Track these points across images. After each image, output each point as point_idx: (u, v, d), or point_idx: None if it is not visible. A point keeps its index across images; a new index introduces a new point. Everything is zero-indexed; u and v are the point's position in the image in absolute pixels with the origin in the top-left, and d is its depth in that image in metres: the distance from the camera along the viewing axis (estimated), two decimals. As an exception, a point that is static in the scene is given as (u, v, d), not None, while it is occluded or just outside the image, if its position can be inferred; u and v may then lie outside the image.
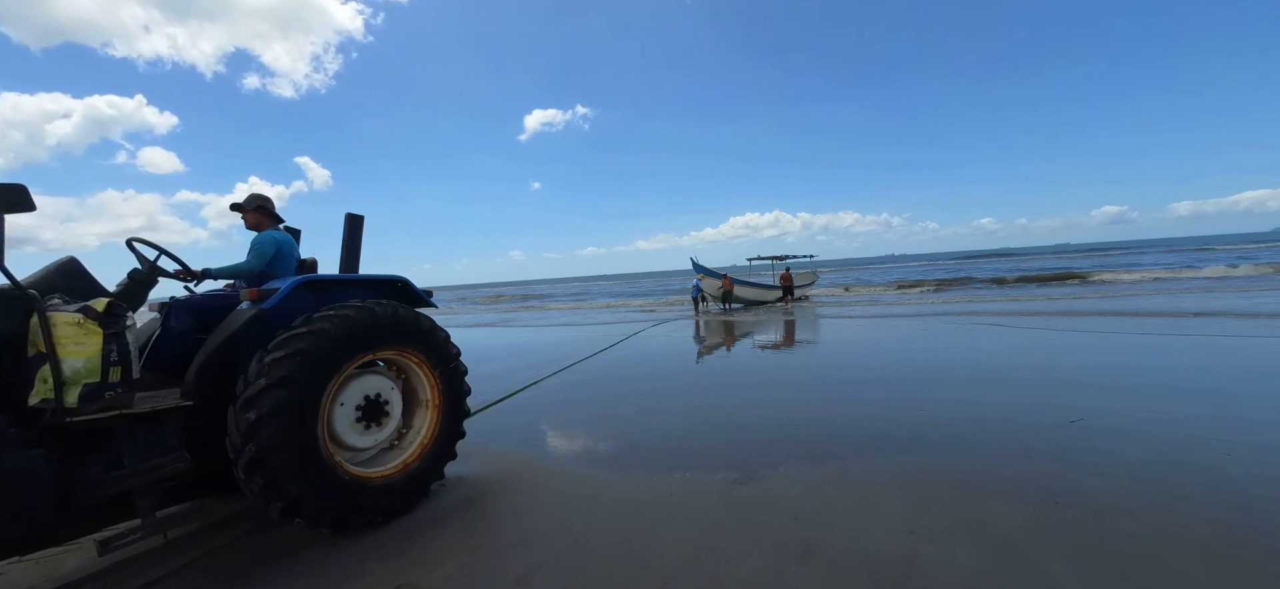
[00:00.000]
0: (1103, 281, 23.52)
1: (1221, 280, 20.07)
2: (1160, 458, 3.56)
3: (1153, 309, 11.91)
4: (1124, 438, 3.97)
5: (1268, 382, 5.30)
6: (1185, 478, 3.23)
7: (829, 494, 3.28)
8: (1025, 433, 4.22)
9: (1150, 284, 20.65)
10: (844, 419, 4.94)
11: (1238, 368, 5.96)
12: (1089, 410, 4.66)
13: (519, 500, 3.48)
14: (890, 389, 5.99)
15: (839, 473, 3.60)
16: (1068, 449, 3.82)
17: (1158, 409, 4.62)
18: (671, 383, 7.22)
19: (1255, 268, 23.14)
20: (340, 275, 3.49)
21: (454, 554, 2.81)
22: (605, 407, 5.98)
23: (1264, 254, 34.81)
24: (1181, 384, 5.43)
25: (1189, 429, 4.06)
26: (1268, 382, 5.30)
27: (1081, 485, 3.19)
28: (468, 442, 3.91)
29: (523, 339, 14.02)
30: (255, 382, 2.65)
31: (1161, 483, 3.18)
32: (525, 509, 3.34)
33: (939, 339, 9.60)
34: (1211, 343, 7.59)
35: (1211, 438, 3.84)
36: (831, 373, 7.27)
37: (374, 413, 3.19)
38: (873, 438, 4.32)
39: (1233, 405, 4.60)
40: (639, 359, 9.32)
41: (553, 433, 5.08)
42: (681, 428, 4.96)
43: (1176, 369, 6.11)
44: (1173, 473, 3.31)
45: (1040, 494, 3.11)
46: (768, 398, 5.95)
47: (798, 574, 2.45)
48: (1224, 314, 10.31)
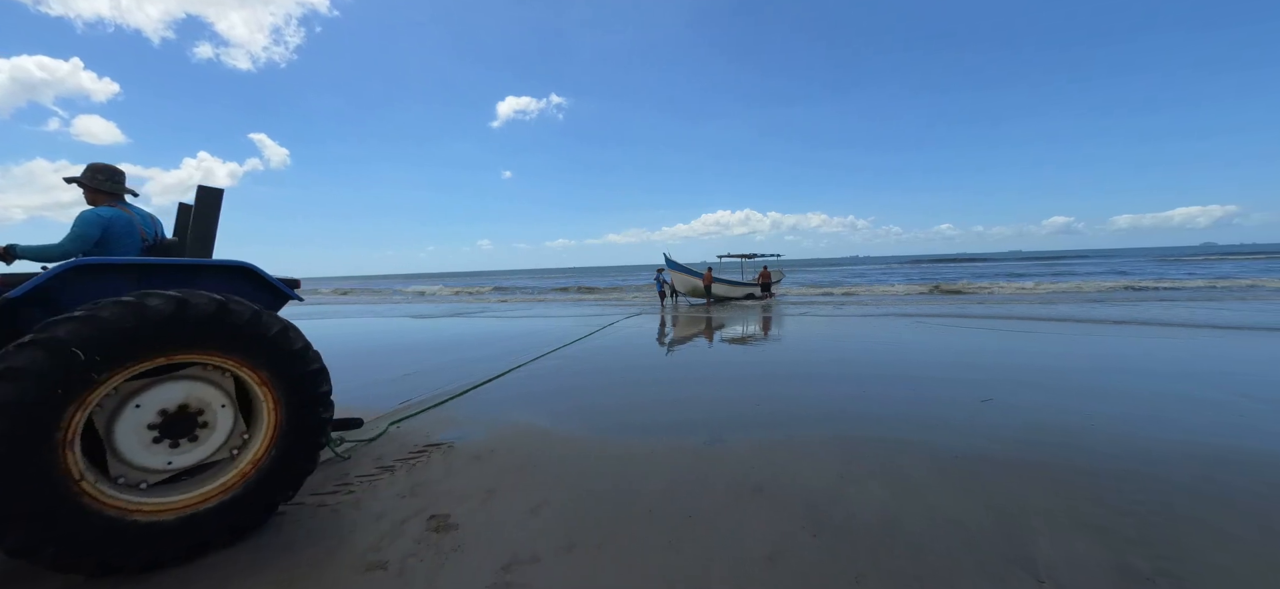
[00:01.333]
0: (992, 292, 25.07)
1: (1115, 292, 22.06)
2: (1041, 422, 4.46)
3: (1066, 316, 13.33)
4: (1021, 412, 4.88)
5: (1125, 376, 6.39)
6: (1049, 440, 4.12)
7: (779, 452, 4.04)
8: (945, 410, 5.10)
9: (1063, 294, 22.55)
10: (796, 399, 5.74)
11: (1113, 365, 7.08)
12: (1000, 393, 5.59)
13: (521, 456, 4.10)
14: (841, 373, 6.85)
15: (787, 438, 4.37)
16: (976, 421, 4.69)
17: (1049, 391, 5.59)
18: (645, 372, 7.91)
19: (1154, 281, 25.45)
20: (140, 259, 2.83)
21: (474, 494, 3.43)
22: (586, 388, 6.63)
23: (1196, 269, 38.00)
24: (1071, 376, 6.47)
25: (1067, 406, 5.01)
26: (1125, 376, 6.39)
27: (977, 448, 4.04)
28: (467, 412, 4.49)
29: (499, 329, 14.46)
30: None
31: (1036, 444, 4.05)
32: (528, 462, 3.97)
33: (890, 334, 10.61)
34: (1100, 342, 8.80)
35: (1074, 411, 4.79)
36: (791, 363, 8.11)
37: (183, 428, 2.62)
38: (819, 413, 5.13)
39: (1103, 393, 5.61)
40: (615, 348, 9.97)
41: (541, 408, 5.68)
42: (656, 407, 5.66)
43: (1070, 364, 7.19)
44: (1050, 431, 4.20)
45: (943, 452, 3.94)
46: (733, 380, 6.72)
47: (751, 503, 3.18)
48: (1124, 322, 11.72)
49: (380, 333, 13.39)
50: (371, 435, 4.59)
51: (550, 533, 2.90)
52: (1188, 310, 13.25)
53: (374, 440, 4.50)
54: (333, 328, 14.87)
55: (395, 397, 6.13)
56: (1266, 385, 5.63)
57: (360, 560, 2.65)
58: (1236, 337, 9.10)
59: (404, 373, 7.67)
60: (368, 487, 3.57)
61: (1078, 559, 2.50)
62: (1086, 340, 9.11)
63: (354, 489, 3.53)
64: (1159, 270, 35.64)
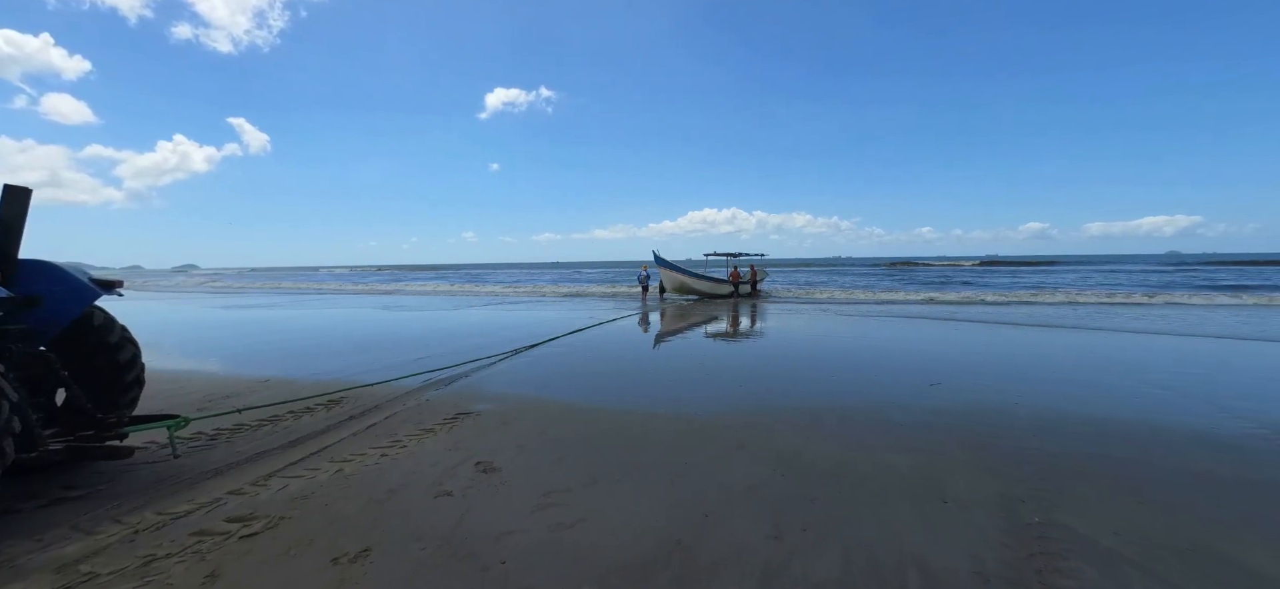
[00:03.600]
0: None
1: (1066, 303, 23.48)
2: (976, 402, 5.35)
3: (1014, 318, 14.46)
4: (962, 393, 5.78)
5: (1056, 368, 7.37)
6: (992, 413, 5.00)
7: (758, 420, 4.85)
8: (897, 390, 5.97)
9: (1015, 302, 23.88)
10: (773, 381, 6.58)
11: (1050, 360, 8.07)
12: (948, 379, 6.49)
13: (542, 421, 4.84)
14: (813, 361, 7.71)
15: (765, 410, 5.19)
16: (923, 400, 5.56)
17: (990, 378, 6.51)
18: (638, 361, 8.69)
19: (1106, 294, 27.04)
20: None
21: (507, 447, 4.16)
22: (589, 371, 7.38)
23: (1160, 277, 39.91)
24: (1011, 367, 7.42)
25: (1002, 390, 5.92)
26: (1056, 368, 7.37)
27: (920, 418, 4.90)
28: (481, 388, 5.18)
29: (499, 318, 15.09)
30: None
31: (966, 415, 4.93)
32: (549, 425, 4.71)
33: (861, 328, 11.53)
34: (1043, 341, 9.82)
35: (1005, 393, 5.70)
36: (770, 353, 8.96)
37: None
38: (792, 393, 5.97)
39: (1034, 381, 6.55)
40: (610, 338, 10.72)
41: (552, 386, 6.41)
42: (654, 386, 6.44)
43: (1012, 358, 8.16)
44: (981, 409, 5.08)
45: (891, 421, 4.80)
46: (720, 366, 7.53)
47: (735, 455, 3.98)
48: (1079, 327, 12.84)
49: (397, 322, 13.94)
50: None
51: (575, 473, 3.67)
52: (1130, 318, 14.47)
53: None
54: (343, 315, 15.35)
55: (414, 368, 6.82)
56: (1176, 378, 6.61)
57: (431, 489, 3.39)
58: (1168, 340, 10.20)
59: (417, 356, 8.33)
60: (417, 443, 4.29)
61: (975, 490, 3.35)
62: (1030, 339, 10.13)
63: (405, 445, 4.24)
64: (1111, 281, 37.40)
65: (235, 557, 2.66)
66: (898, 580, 2.44)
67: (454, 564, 2.59)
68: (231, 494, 3.36)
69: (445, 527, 2.95)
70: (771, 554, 2.66)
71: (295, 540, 2.81)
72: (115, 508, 3.16)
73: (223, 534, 2.88)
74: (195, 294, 29.06)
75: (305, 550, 2.72)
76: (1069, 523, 2.93)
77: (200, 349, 9.77)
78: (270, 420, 4.88)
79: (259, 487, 3.47)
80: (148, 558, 2.65)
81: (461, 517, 3.06)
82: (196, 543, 2.79)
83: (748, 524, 2.96)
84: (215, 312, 17.65)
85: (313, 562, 2.62)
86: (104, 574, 2.53)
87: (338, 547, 2.75)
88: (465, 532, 2.90)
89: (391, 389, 6.08)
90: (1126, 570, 2.49)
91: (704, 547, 2.73)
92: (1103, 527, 2.89)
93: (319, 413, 5.15)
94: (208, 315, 16.47)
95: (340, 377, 6.74)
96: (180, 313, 17.49)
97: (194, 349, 9.75)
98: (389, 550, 2.72)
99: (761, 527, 2.92)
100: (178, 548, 2.73)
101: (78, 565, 2.60)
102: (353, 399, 5.61)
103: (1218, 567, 2.53)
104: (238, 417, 4.78)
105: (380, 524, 2.98)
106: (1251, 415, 4.92)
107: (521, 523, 2.99)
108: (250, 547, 2.76)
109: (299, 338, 10.95)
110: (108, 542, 2.81)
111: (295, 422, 4.88)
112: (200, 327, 13.59)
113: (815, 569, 2.53)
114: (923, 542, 2.76)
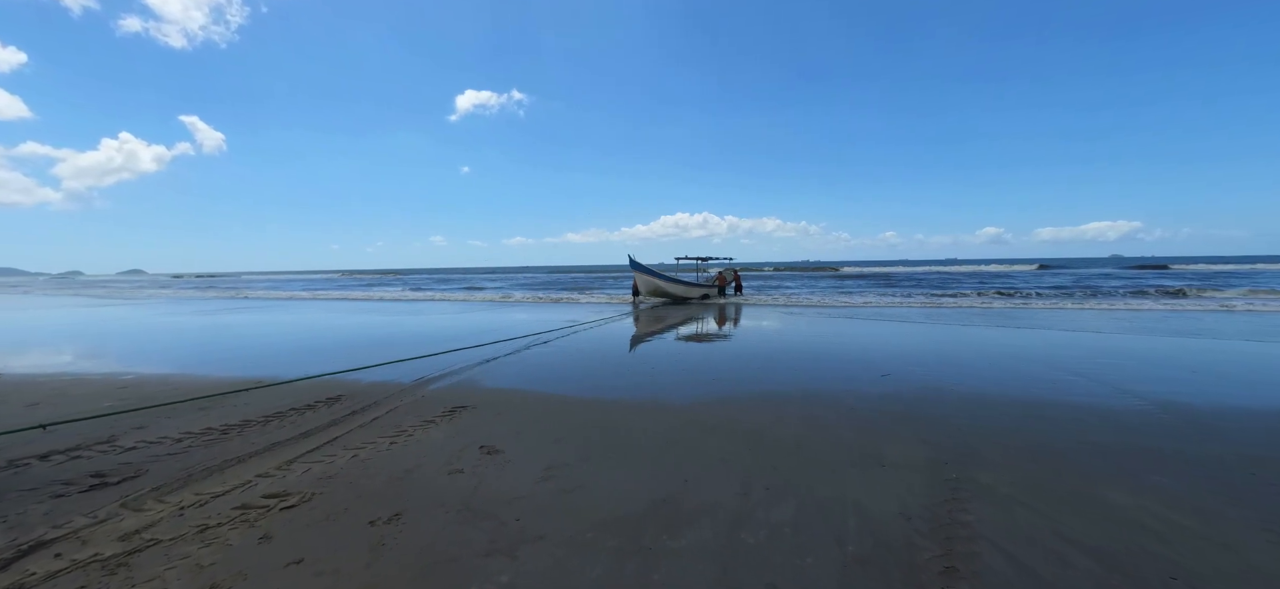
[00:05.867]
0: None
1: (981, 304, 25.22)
2: (920, 389, 6.08)
3: (963, 319, 15.63)
4: (908, 382, 6.52)
5: (993, 359, 8.27)
6: (932, 397, 5.73)
7: (730, 407, 5.45)
8: (854, 381, 6.67)
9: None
10: (745, 374, 7.21)
11: (989, 353, 8.99)
12: (898, 370, 7.25)
13: (536, 412, 5.32)
14: (780, 357, 8.39)
15: (737, 398, 5.80)
16: (875, 388, 6.28)
17: (934, 369, 7.30)
18: (619, 360, 9.22)
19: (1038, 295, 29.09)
20: None
21: (507, 433, 4.63)
22: (571, 368, 7.86)
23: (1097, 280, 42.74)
24: (954, 359, 8.27)
25: (942, 378, 6.70)
26: (993, 359, 8.27)
27: (871, 403, 5.59)
28: (473, 385, 5.60)
29: (484, 320, 15.36)
30: None
31: (909, 400, 5.65)
32: (543, 415, 5.19)
33: (827, 328, 12.36)
34: (983, 338, 10.83)
35: (946, 380, 6.48)
36: (742, 350, 9.62)
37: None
38: (761, 384, 6.60)
39: (973, 371, 7.39)
40: (590, 340, 11.21)
41: (542, 381, 6.88)
42: (635, 380, 6.98)
43: (955, 352, 9.05)
44: (924, 394, 5.81)
45: (845, 406, 5.47)
46: (697, 362, 8.12)
47: (710, 435, 4.56)
48: (1021, 327, 14.01)
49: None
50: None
51: (571, 452, 4.17)
52: (1059, 317, 15.82)
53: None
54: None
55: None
56: (1091, 366, 7.54)
57: (443, 468, 3.84)
58: (1090, 336, 11.35)
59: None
60: (422, 431, 4.71)
61: (907, 456, 4.01)
62: (972, 335, 11.13)
63: (411, 434, 4.66)
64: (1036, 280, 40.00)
65: (282, 523, 3.07)
66: (840, 520, 3.05)
67: (476, 520, 3.07)
68: (260, 477, 3.73)
69: (462, 495, 3.42)
70: (740, 506, 3.23)
71: (332, 510, 3.23)
72: (156, 491, 3.51)
73: (263, 508, 3.27)
74: (137, 301, 28.06)
75: (343, 516, 3.15)
76: (978, 477, 3.61)
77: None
78: (276, 416, 5.20)
79: (284, 470, 3.84)
80: (201, 526, 3.03)
81: (475, 488, 3.53)
82: (242, 515, 3.18)
83: (720, 486, 3.52)
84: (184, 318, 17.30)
85: (352, 524, 3.06)
86: (166, 540, 2.90)
87: (372, 512, 3.19)
88: (481, 499, 3.37)
89: (387, 387, 6.44)
90: (1015, 508, 3.17)
91: (685, 502, 3.29)
92: (1003, 479, 3.58)
93: (321, 409, 5.49)
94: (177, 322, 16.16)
95: (330, 375, 7.03)
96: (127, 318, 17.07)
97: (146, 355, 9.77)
98: (418, 514, 3.17)
99: (732, 487, 3.50)
100: (226, 519, 3.12)
101: (138, 534, 2.96)
102: (352, 396, 5.95)
103: (1083, 503, 3.24)
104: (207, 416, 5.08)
105: (404, 495, 3.42)
106: (1143, 395, 5.81)
107: (529, 490, 3.49)
108: (292, 516, 3.16)
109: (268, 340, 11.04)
110: (158, 517, 3.17)
111: (299, 417, 5.21)
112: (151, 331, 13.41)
113: (774, 515, 3.12)
114: (862, 494, 3.38)
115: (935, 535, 2.88)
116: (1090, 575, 2.53)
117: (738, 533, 2.94)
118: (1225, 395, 5.84)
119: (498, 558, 2.72)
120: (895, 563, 2.64)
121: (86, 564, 2.67)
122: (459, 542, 2.87)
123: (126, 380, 7.13)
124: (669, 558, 2.71)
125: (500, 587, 2.49)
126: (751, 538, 2.89)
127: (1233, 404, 5.47)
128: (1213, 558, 2.68)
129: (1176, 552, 2.73)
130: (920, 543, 2.81)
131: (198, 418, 5.18)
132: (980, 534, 2.88)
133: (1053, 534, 2.89)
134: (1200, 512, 3.14)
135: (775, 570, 2.60)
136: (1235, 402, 5.57)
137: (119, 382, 7.05)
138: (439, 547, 2.83)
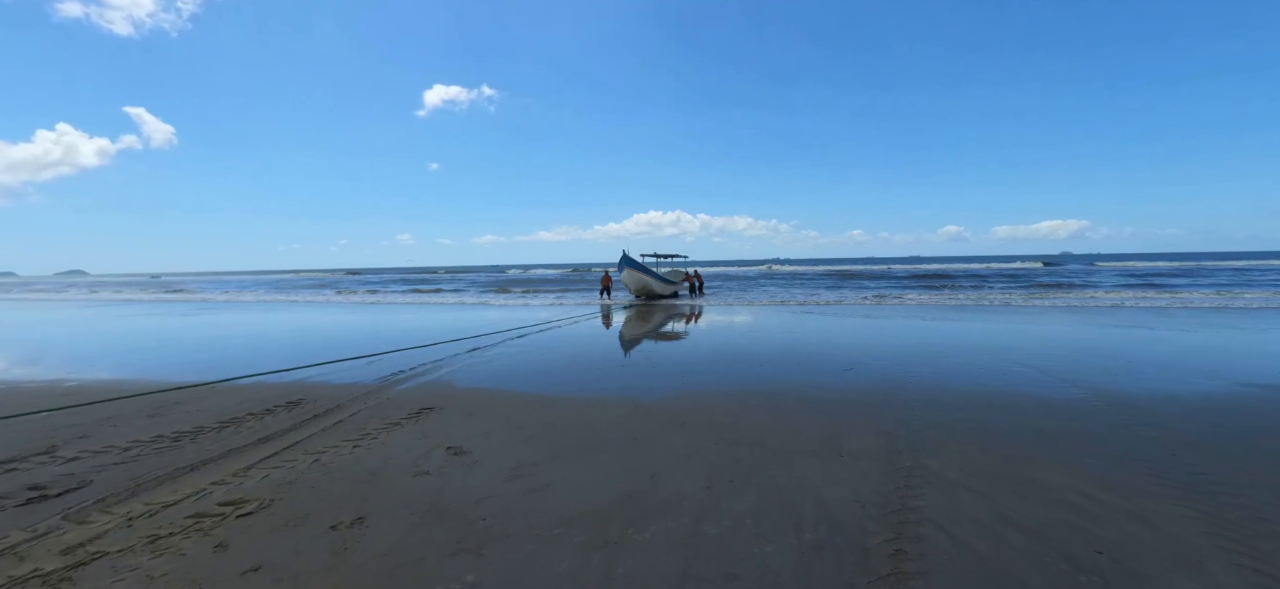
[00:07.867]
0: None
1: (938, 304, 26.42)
2: (880, 381, 6.33)
3: (925, 315, 16.27)
4: (870, 374, 6.77)
5: (951, 352, 8.66)
6: (888, 387, 5.97)
7: (698, 402, 5.56)
8: (818, 374, 6.88)
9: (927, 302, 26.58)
10: (711, 370, 7.34)
11: (946, 346, 9.40)
12: (860, 363, 7.50)
13: (504, 411, 5.30)
14: (747, 353, 8.57)
15: (704, 393, 5.91)
16: (837, 382, 6.49)
17: (893, 363, 7.59)
18: (589, 357, 9.24)
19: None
20: None
21: (475, 434, 4.61)
22: (541, 366, 7.85)
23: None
24: (914, 353, 8.62)
25: (900, 371, 6.98)
26: (951, 352, 8.66)
27: (833, 396, 5.78)
28: (441, 385, 5.56)
29: (454, 319, 15.10)
30: None
31: (868, 392, 5.87)
32: (511, 414, 5.18)
33: (792, 324, 12.66)
34: (941, 331, 11.31)
35: (904, 373, 6.75)
36: (709, 347, 9.78)
37: None
38: (728, 378, 6.74)
39: (932, 363, 7.71)
40: (561, 338, 11.18)
41: (512, 380, 6.85)
42: (603, 377, 7.02)
43: (916, 345, 9.43)
44: (883, 386, 6.05)
45: (808, 399, 5.64)
46: (663, 358, 8.21)
47: (677, 430, 4.64)
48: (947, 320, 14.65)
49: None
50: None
51: (539, 450, 4.19)
52: (1011, 314, 16.63)
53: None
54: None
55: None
56: (1040, 358, 7.96)
57: (409, 470, 3.81)
58: (1035, 328, 11.98)
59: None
60: (386, 434, 4.64)
61: (865, 446, 4.19)
62: (932, 329, 11.60)
63: (376, 437, 4.58)
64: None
65: (239, 531, 3.00)
66: (798, 508, 3.17)
67: (442, 521, 3.06)
68: (215, 484, 3.62)
69: (429, 497, 3.40)
70: (704, 498, 3.32)
71: (291, 515, 3.17)
72: (101, 503, 3.36)
73: (218, 515, 3.18)
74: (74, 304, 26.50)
75: (303, 522, 3.09)
76: (929, 464, 3.80)
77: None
78: (232, 422, 5.03)
79: (241, 476, 3.74)
80: (152, 536, 2.93)
81: (442, 489, 3.51)
82: (195, 523, 3.08)
83: (686, 480, 3.61)
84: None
85: (313, 529, 3.01)
86: (113, 551, 2.80)
87: (334, 516, 3.14)
88: (447, 500, 3.36)
89: (352, 389, 6.29)
90: (960, 492, 3.36)
91: (651, 497, 3.36)
92: (952, 465, 3.78)
93: (280, 413, 5.33)
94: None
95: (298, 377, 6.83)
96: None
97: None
98: (382, 517, 3.14)
99: (697, 481, 3.58)
100: (179, 528, 3.02)
101: (82, 547, 2.84)
102: (313, 399, 5.80)
103: (1023, 486, 3.45)
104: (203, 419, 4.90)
105: (369, 499, 3.38)
106: (1084, 385, 6.18)
107: (496, 491, 3.49)
108: (250, 523, 3.09)
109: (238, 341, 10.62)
110: (104, 528, 3.04)
111: (257, 422, 5.06)
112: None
113: (737, 506, 3.22)
114: (820, 482, 3.52)
115: (887, 521, 3.03)
116: (1025, 552, 2.72)
117: (701, 524, 3.02)
118: (1159, 384, 6.28)
119: (464, 557, 2.73)
120: (849, 548, 2.77)
121: (25, 580, 2.55)
122: (424, 543, 2.87)
123: (69, 387, 6.76)
124: (634, 550, 2.77)
125: (466, 585, 2.50)
126: (714, 528, 2.98)
127: (1164, 391, 5.89)
128: (1134, 531, 2.91)
129: (1103, 527, 2.95)
130: (873, 528, 2.96)
131: (147, 425, 4.97)
132: (928, 519, 3.05)
133: (994, 515, 3.08)
134: (1125, 490, 3.39)
135: (736, 558, 2.69)
136: (1167, 389, 6.00)
137: (61, 389, 6.68)
138: (404, 548, 2.82)
